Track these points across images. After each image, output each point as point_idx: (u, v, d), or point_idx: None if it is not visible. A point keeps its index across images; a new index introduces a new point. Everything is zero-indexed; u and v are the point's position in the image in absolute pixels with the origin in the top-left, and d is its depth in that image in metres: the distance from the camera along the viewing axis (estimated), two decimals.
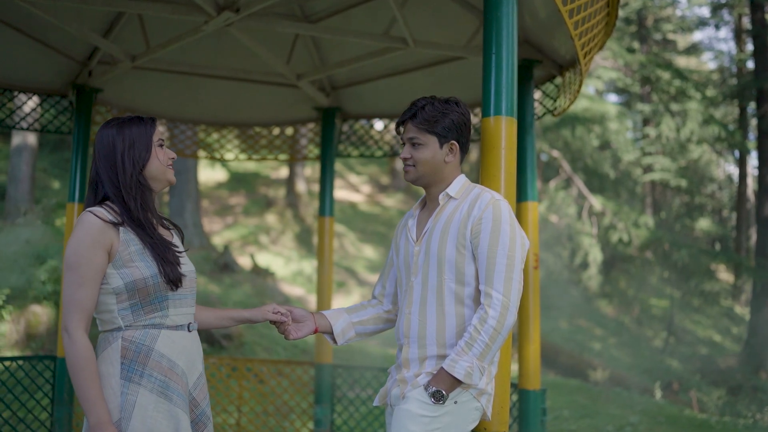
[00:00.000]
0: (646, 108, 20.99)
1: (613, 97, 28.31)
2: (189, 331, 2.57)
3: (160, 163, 2.57)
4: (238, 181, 24.87)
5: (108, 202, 2.49)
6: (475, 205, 2.63)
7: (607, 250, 17.40)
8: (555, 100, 5.17)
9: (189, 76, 6.04)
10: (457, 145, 2.76)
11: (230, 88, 6.29)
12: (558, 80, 5.16)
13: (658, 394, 12.73)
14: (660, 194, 25.31)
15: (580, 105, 15.60)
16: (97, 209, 2.43)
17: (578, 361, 15.92)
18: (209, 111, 6.62)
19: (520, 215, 4.79)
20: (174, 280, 2.48)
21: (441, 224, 2.69)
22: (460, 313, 2.62)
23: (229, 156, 6.96)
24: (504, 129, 2.93)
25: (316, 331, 2.90)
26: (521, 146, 4.85)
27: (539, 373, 4.69)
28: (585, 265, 16.76)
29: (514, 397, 4.84)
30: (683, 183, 19.95)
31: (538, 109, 5.37)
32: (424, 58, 5.62)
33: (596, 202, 16.15)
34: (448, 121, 2.73)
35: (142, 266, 2.44)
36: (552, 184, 17.11)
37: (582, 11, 3.41)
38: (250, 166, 26.00)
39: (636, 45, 24.58)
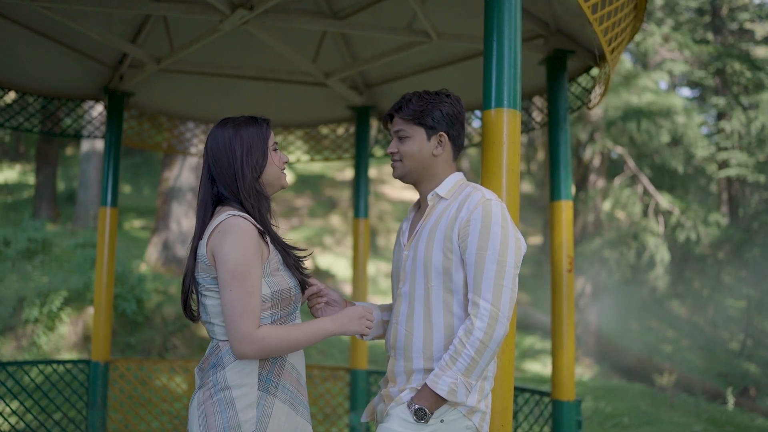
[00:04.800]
0: (720, 101, 20.09)
1: (686, 91, 27.28)
2: None
3: (275, 168, 2.49)
4: (304, 183, 25.04)
5: (234, 206, 2.40)
6: (464, 206, 2.41)
7: (676, 249, 16.72)
8: (590, 92, 4.87)
9: (219, 78, 5.98)
10: (446, 136, 2.54)
11: (263, 88, 6.20)
12: (594, 71, 4.86)
13: (731, 400, 12.09)
14: (737, 191, 24.21)
15: (645, 99, 14.99)
16: (245, 215, 2.35)
17: (646, 364, 15.33)
18: (241, 112, 6.54)
19: (552, 215, 4.52)
20: (304, 289, 2.49)
21: (428, 227, 2.48)
22: (449, 323, 2.40)
23: None
24: (506, 122, 2.70)
25: None
26: (554, 141, 4.59)
27: (573, 382, 4.41)
28: (652, 264, 16.13)
29: (550, 408, 4.57)
30: (762, 179, 18.98)
31: (574, 102, 5.08)
32: (458, 53, 5.40)
33: (663, 199, 15.50)
34: (436, 113, 2.53)
35: (286, 275, 2.41)
36: (617, 181, 16.52)
37: None
38: (316, 168, 26.14)
39: (710, 36, 23.58)
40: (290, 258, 2.45)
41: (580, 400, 4.45)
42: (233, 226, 2.28)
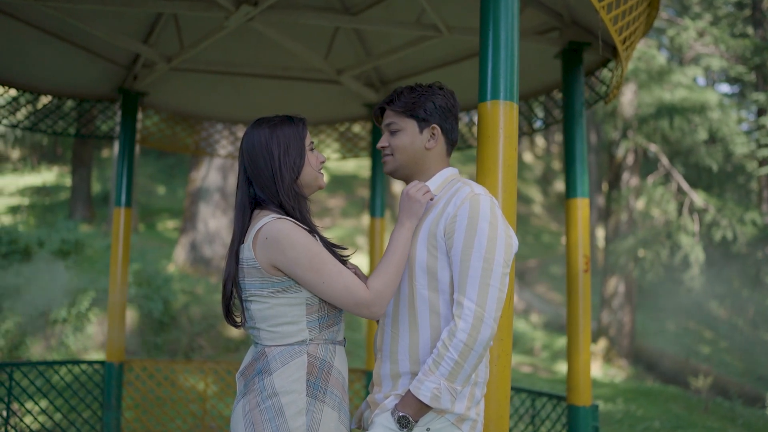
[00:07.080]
0: (760, 97, 19.54)
1: (725, 87, 26.68)
2: (344, 345, 2.45)
3: (312, 169, 2.42)
4: (337, 183, 25.03)
5: (272, 209, 2.33)
6: (451, 201, 2.29)
7: (712, 249, 16.29)
8: (608, 86, 4.71)
9: (232, 77, 5.93)
10: (439, 129, 2.43)
11: (277, 86, 6.14)
12: (612, 64, 4.70)
13: None
14: None
15: (678, 94, 14.59)
16: (284, 216, 2.28)
17: (683, 366, 14.96)
18: (256, 111, 6.50)
19: (568, 213, 4.37)
20: None
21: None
22: (435, 325, 2.27)
23: None
24: (502, 115, 2.58)
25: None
26: (569, 137, 4.44)
27: (590, 386, 4.26)
28: (687, 264, 15.73)
29: (566, 414, 4.42)
30: None
31: (590, 95, 4.92)
32: (472, 47, 5.28)
33: (698, 197, 15.09)
34: (429, 105, 2.42)
35: None
36: (650, 179, 16.14)
37: None
38: (349, 168, 26.09)
39: (750, 30, 23.00)
40: (337, 257, 2.37)
41: (597, 405, 4.30)
42: (278, 231, 2.21)
